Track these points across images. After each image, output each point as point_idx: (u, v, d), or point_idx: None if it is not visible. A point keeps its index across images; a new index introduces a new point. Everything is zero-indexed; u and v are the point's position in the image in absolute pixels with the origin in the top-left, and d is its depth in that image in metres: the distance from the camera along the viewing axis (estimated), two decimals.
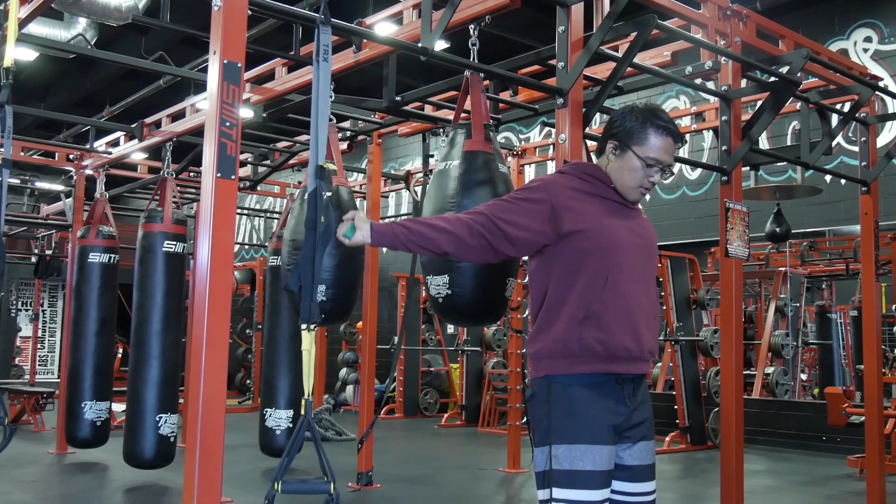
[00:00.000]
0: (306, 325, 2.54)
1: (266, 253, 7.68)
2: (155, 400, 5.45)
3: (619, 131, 2.35)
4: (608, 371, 2.26)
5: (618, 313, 2.25)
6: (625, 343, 2.26)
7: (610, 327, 2.24)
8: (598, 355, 2.24)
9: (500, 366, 9.86)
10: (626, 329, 2.26)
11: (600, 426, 2.24)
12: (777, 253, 10.34)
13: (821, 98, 4.74)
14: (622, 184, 2.36)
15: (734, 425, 3.78)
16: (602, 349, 2.24)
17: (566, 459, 2.22)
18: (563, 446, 2.23)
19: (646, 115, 2.33)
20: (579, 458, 2.21)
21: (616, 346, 2.24)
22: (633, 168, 2.33)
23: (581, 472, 2.21)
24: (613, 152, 2.37)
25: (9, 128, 3.83)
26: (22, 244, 14.97)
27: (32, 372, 13.11)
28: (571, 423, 2.23)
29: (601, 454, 2.23)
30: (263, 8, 3.21)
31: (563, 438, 2.23)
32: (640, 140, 2.32)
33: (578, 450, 2.21)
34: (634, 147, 2.32)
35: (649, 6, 3.56)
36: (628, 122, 2.34)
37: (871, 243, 4.99)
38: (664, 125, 2.32)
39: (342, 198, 4.12)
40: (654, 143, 2.31)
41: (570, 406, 2.25)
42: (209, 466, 2.44)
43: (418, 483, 6.45)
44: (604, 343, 2.23)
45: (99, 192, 6.78)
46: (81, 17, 7.85)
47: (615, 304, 2.25)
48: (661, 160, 2.32)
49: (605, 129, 2.42)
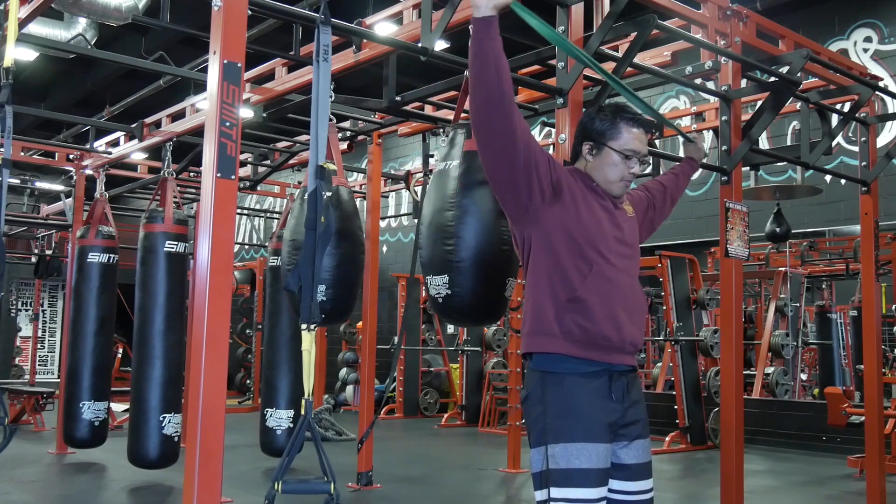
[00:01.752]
0: (306, 325, 2.55)
1: (266, 253, 7.68)
2: (158, 400, 5.45)
3: (592, 131, 2.44)
4: (584, 357, 2.27)
5: (601, 301, 2.28)
6: (604, 332, 2.28)
7: (591, 314, 2.27)
8: (575, 339, 2.27)
9: (500, 366, 9.86)
10: (607, 318, 2.28)
11: (595, 424, 2.25)
12: (777, 253, 10.34)
13: (821, 98, 4.74)
14: (605, 180, 2.42)
15: (734, 425, 3.78)
16: (580, 333, 2.26)
17: (563, 458, 2.23)
18: (560, 445, 2.23)
19: (614, 112, 2.43)
20: (576, 456, 2.22)
21: (595, 333, 2.27)
22: (613, 163, 2.40)
23: (578, 471, 2.21)
24: (590, 153, 2.44)
25: (9, 128, 3.84)
26: (22, 244, 14.97)
27: (32, 372, 13.10)
28: (567, 421, 2.24)
29: (597, 452, 2.23)
30: (263, 8, 3.21)
31: (560, 437, 2.24)
32: (615, 135, 2.40)
33: (575, 448, 2.22)
34: (611, 143, 2.40)
35: (649, 6, 3.56)
36: (598, 122, 2.43)
37: (871, 243, 4.99)
38: (632, 117, 2.43)
39: (342, 198, 4.12)
40: (628, 136, 2.41)
41: (564, 405, 2.26)
42: (209, 466, 2.44)
43: (418, 483, 6.45)
44: (583, 328, 2.26)
45: (99, 192, 6.78)
46: (81, 17, 7.85)
47: (599, 291, 2.29)
48: (637, 150, 2.41)
49: (577, 133, 2.49)
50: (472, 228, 3.30)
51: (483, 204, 3.31)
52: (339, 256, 3.95)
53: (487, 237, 3.28)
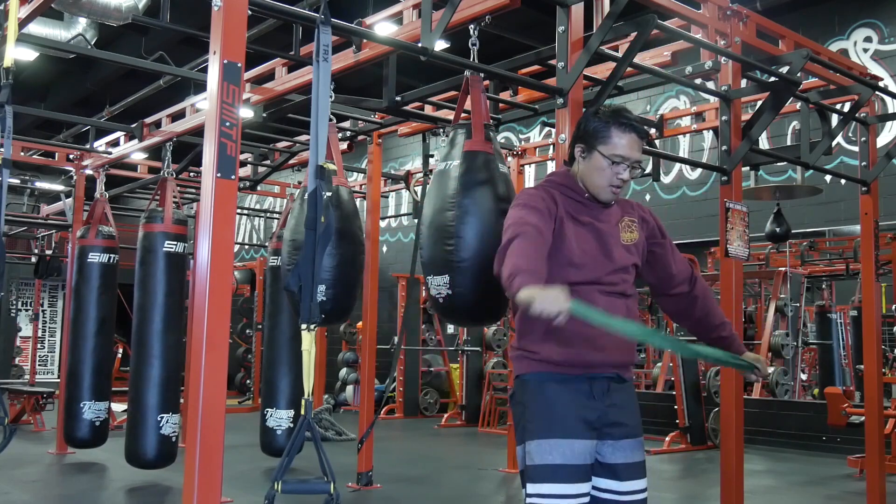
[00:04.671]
0: (306, 325, 2.55)
1: (266, 253, 7.68)
2: (157, 400, 5.45)
3: (584, 134, 2.39)
4: (569, 374, 2.29)
5: (580, 328, 2.15)
6: (586, 358, 2.28)
7: (570, 342, 2.25)
8: (555, 363, 2.29)
9: (500, 366, 9.87)
10: (587, 345, 2.27)
11: (570, 420, 2.25)
12: (777, 253, 10.34)
13: (821, 98, 4.74)
14: (593, 185, 2.38)
15: (734, 425, 3.78)
16: (559, 358, 2.28)
17: (537, 454, 2.25)
18: (535, 441, 2.26)
19: (608, 115, 2.37)
20: (549, 451, 2.23)
21: (575, 358, 2.28)
22: (600, 168, 2.35)
23: (551, 466, 2.23)
24: (581, 155, 2.40)
25: (9, 128, 3.84)
26: (22, 244, 14.98)
27: (32, 372, 13.10)
28: (543, 419, 2.27)
29: (572, 448, 2.23)
30: (263, 8, 3.21)
31: (535, 434, 2.27)
32: (604, 139, 2.35)
33: (548, 444, 2.24)
34: (600, 147, 2.35)
35: (649, 6, 3.56)
36: (591, 124, 2.38)
37: (871, 243, 4.99)
38: (626, 122, 2.36)
39: (342, 198, 4.12)
40: (618, 141, 2.34)
41: (542, 403, 2.28)
42: (209, 466, 2.44)
43: (418, 483, 6.45)
44: (562, 354, 2.27)
45: (99, 192, 6.78)
46: (81, 17, 7.86)
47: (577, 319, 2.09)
48: (627, 156, 2.34)
49: (574, 134, 2.45)
50: (473, 228, 3.30)
51: (483, 204, 3.31)
52: (339, 256, 3.95)
53: (488, 237, 3.28)
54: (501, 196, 3.37)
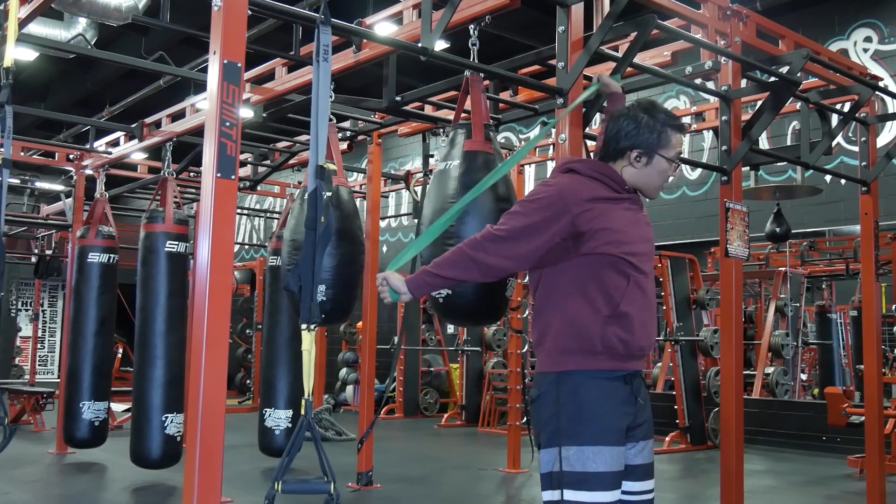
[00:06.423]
0: (306, 325, 2.54)
1: (266, 253, 7.68)
2: (161, 400, 5.46)
3: (641, 140, 2.39)
4: (624, 368, 2.29)
5: (640, 312, 2.29)
6: (641, 342, 2.30)
7: (633, 327, 2.28)
8: (617, 353, 2.27)
9: (500, 366, 9.86)
10: (641, 327, 2.30)
11: (612, 428, 2.24)
12: (777, 253, 10.34)
13: (821, 98, 4.74)
14: (651, 186, 2.44)
15: (734, 425, 3.79)
16: (622, 348, 2.27)
17: (577, 461, 2.21)
18: (574, 448, 2.22)
19: (662, 120, 2.40)
20: (591, 459, 2.21)
21: (634, 345, 2.29)
22: (663, 170, 2.42)
23: (593, 474, 2.21)
24: (637, 160, 2.39)
25: (9, 128, 3.84)
26: (22, 244, 14.96)
27: (32, 372, 13.09)
28: (582, 424, 2.23)
29: (612, 455, 2.23)
30: (263, 8, 3.20)
31: (574, 440, 2.22)
32: (665, 143, 2.40)
33: (590, 451, 2.21)
34: (661, 151, 2.39)
35: (649, 6, 3.56)
36: (647, 130, 2.38)
37: (871, 243, 4.99)
38: (678, 124, 2.44)
39: (342, 198, 4.12)
40: (675, 142, 2.42)
41: (580, 407, 2.24)
42: (209, 466, 2.44)
43: (418, 483, 6.45)
44: (625, 342, 2.26)
45: (99, 192, 6.78)
46: (81, 17, 7.85)
47: (639, 303, 2.30)
48: (680, 153, 2.44)
49: (621, 137, 2.40)
50: (473, 228, 3.28)
51: (483, 204, 3.31)
52: (339, 256, 3.95)
53: None
54: (501, 196, 3.37)
